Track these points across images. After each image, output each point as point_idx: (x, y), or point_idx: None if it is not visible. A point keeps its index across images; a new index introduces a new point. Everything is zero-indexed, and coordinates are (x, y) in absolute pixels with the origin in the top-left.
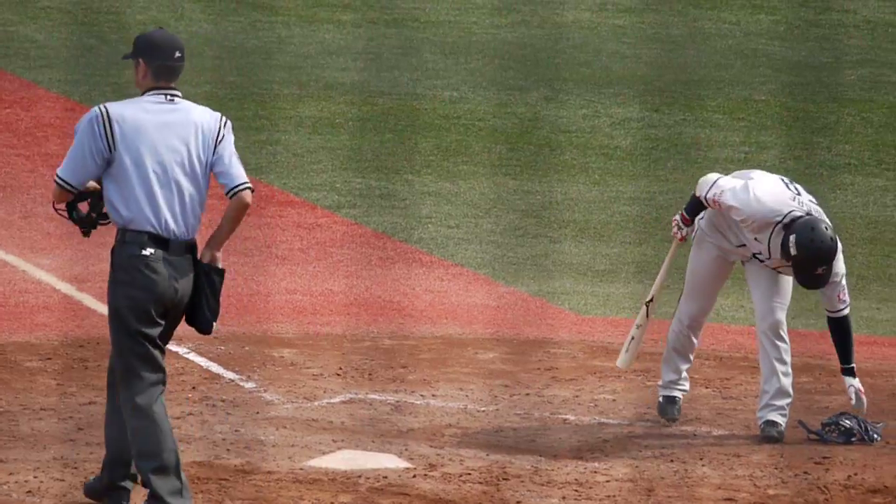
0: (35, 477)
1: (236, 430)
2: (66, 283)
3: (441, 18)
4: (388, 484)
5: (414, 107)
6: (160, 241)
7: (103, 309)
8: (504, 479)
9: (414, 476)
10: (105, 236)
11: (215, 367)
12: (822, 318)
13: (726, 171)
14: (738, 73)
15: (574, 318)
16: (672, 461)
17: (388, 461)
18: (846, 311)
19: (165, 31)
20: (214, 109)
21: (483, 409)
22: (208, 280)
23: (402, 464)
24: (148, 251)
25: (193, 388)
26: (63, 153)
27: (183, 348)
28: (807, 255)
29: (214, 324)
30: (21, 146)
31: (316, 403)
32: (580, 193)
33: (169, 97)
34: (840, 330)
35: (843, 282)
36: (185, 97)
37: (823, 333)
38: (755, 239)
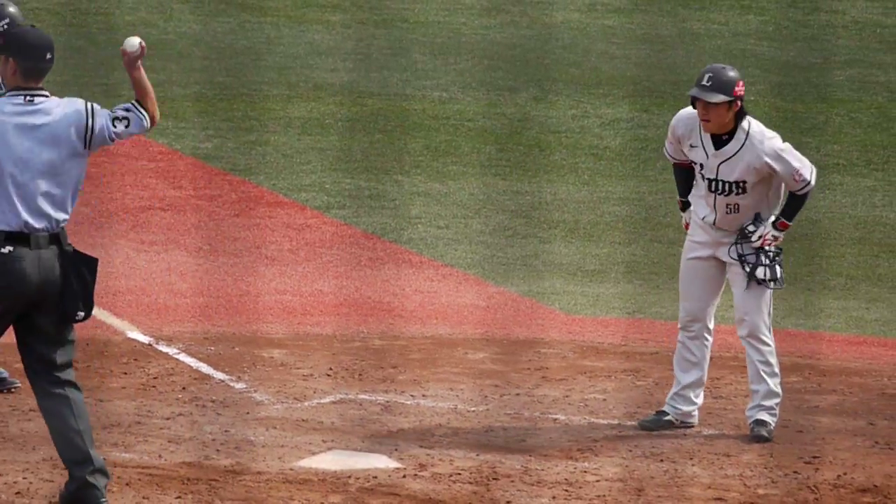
0: (24, 478)
1: (226, 431)
2: None
3: (430, 19)
4: (379, 484)
5: (403, 107)
6: (20, 238)
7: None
8: (494, 479)
9: (404, 476)
10: (89, 238)
11: (205, 368)
12: (811, 317)
13: None
14: None
15: (564, 318)
16: (662, 461)
17: (378, 461)
18: (806, 191)
19: (39, 31)
20: (203, 110)
21: (473, 409)
22: (75, 270)
23: (392, 464)
24: (6, 249)
25: (183, 388)
26: None
27: (173, 349)
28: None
29: (80, 313)
30: None
31: (306, 404)
32: (569, 194)
33: (28, 98)
34: (794, 199)
35: (796, 164)
36: (175, 98)
37: (813, 333)
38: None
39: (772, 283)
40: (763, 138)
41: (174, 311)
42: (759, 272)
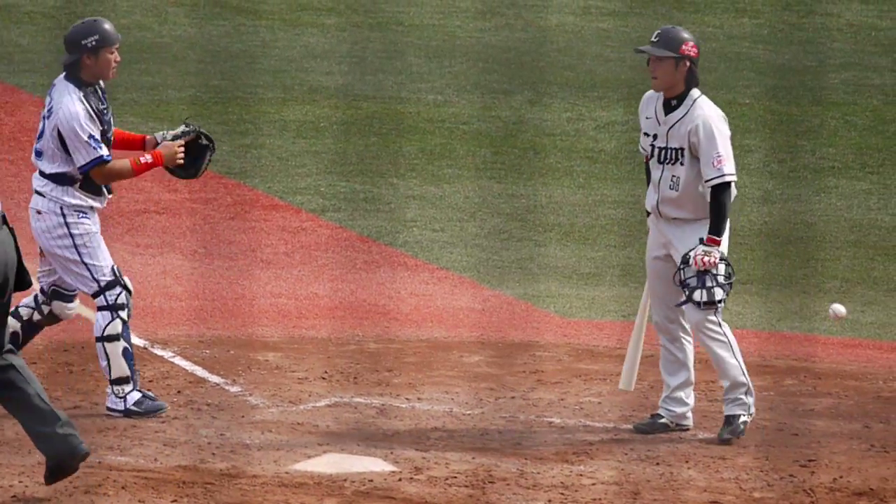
0: (20, 482)
1: (221, 434)
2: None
3: (425, 22)
4: (374, 487)
5: (398, 110)
6: None
7: (88, 313)
8: (490, 482)
9: (399, 479)
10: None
11: (200, 371)
12: (806, 320)
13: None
14: (721, 76)
15: (559, 321)
16: (658, 464)
17: (373, 465)
18: (719, 182)
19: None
20: (198, 113)
21: (468, 412)
22: (17, 245)
23: (387, 467)
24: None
25: (178, 392)
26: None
27: (168, 352)
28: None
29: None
30: (5, 151)
31: (301, 407)
32: (565, 197)
33: None
34: (713, 199)
35: (721, 150)
36: (169, 101)
37: (808, 336)
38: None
39: (708, 306)
40: (706, 109)
41: (169, 315)
42: (696, 295)
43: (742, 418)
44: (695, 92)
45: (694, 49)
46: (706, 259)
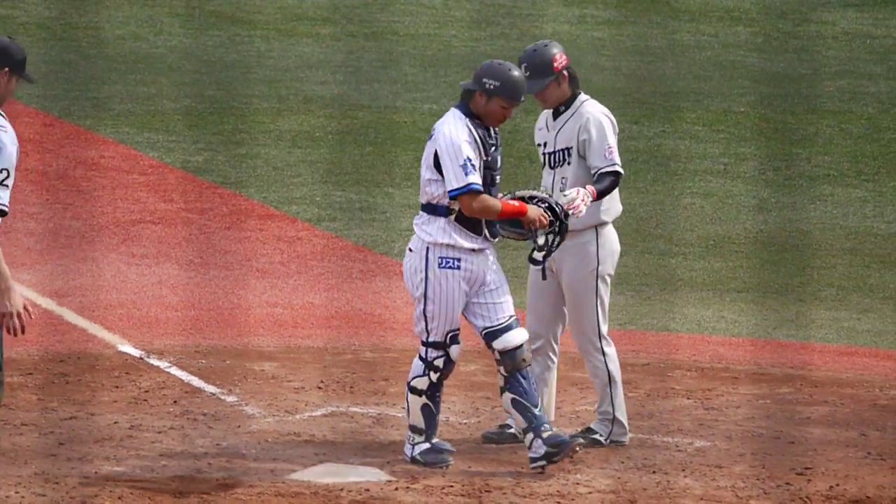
0: (16, 492)
1: (218, 444)
2: (47, 298)
3: (420, 31)
4: (371, 497)
5: (393, 120)
6: None
7: (84, 324)
8: (486, 491)
9: (396, 489)
10: (80, 251)
11: (196, 381)
12: (802, 328)
13: (707, 184)
14: (716, 84)
15: None
16: (654, 472)
17: (370, 474)
18: (607, 169)
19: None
20: (193, 124)
21: (465, 421)
22: None
23: (384, 477)
24: None
25: (174, 402)
26: (43, 169)
27: (164, 362)
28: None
29: None
30: None
31: (297, 417)
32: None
33: None
34: (604, 175)
35: (611, 142)
36: (165, 112)
37: (804, 344)
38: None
39: (539, 253)
40: (594, 108)
41: (165, 325)
42: (535, 254)
43: (596, 436)
44: (582, 96)
45: (564, 58)
46: (586, 199)
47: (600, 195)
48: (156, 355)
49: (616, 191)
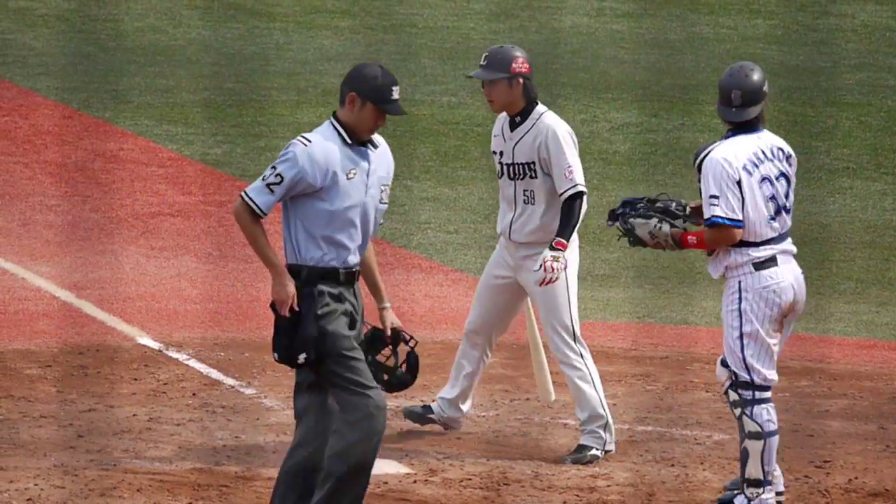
0: (35, 485)
1: (236, 437)
2: (66, 291)
3: (439, 24)
4: (389, 490)
5: (412, 112)
6: None
7: (103, 316)
8: (505, 483)
9: (414, 482)
10: (99, 244)
11: (215, 374)
12: (821, 321)
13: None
14: None
15: None
16: (673, 465)
17: (388, 467)
18: (573, 192)
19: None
20: (212, 116)
21: (483, 414)
22: None
23: (402, 469)
24: None
25: (193, 394)
26: (62, 161)
27: (183, 355)
28: None
29: None
30: (19, 154)
31: None
32: None
33: None
34: (565, 208)
35: (570, 161)
36: (184, 104)
37: (823, 338)
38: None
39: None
40: (552, 122)
41: (184, 317)
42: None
43: (593, 451)
44: (540, 107)
45: (525, 65)
46: (554, 265)
47: (565, 236)
48: (175, 348)
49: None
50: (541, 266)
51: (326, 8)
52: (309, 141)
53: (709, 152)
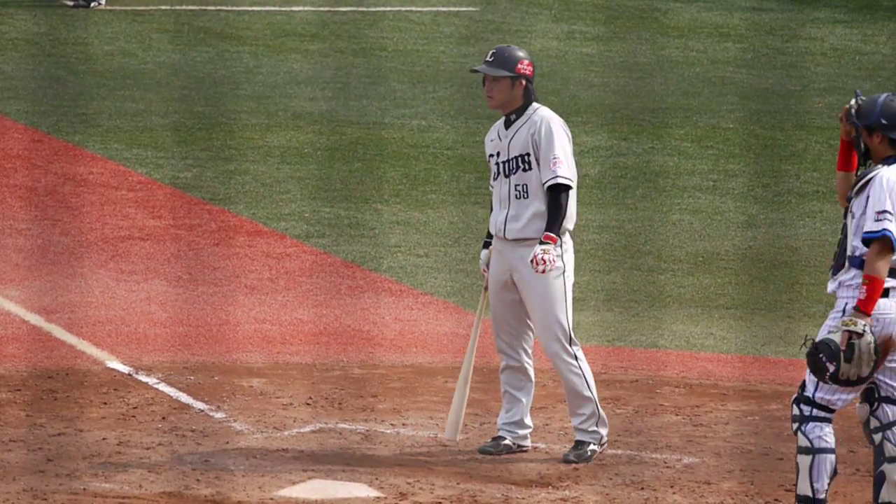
0: None
1: (206, 461)
2: (35, 315)
3: (408, 48)
4: None
5: (382, 136)
6: None
7: (72, 340)
8: None
9: None
10: (68, 267)
11: (185, 398)
12: (791, 345)
13: (695, 200)
14: (705, 100)
15: None
16: (643, 489)
17: (358, 490)
18: (555, 183)
19: None
20: (182, 140)
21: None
22: None
23: (372, 493)
24: None
25: (163, 418)
26: (31, 185)
27: (152, 378)
28: None
29: None
30: None
31: (286, 433)
32: None
33: None
34: (549, 200)
35: (559, 153)
36: (153, 128)
37: (793, 361)
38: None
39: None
40: (548, 115)
41: (154, 341)
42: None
43: (591, 446)
44: (535, 104)
45: (529, 67)
46: (545, 257)
47: (558, 229)
48: (144, 371)
49: (573, 200)
50: (532, 260)
51: (296, 31)
52: None
53: (878, 173)
